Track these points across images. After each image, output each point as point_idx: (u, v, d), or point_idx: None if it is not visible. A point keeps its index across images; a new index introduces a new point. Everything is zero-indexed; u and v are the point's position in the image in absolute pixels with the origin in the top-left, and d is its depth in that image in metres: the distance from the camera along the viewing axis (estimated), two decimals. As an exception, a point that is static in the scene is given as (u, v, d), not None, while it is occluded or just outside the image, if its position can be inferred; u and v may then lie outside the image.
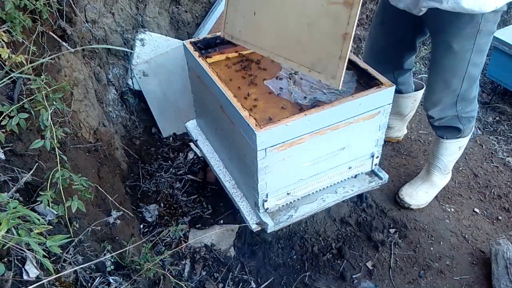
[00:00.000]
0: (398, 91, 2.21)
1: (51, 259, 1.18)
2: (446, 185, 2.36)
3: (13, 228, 0.99)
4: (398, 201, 2.23)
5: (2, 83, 1.32)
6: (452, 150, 2.10)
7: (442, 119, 1.97)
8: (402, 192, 2.23)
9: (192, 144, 2.57)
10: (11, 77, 1.41)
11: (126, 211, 1.81)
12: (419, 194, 2.21)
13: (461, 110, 1.93)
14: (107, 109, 2.42)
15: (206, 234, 2.10)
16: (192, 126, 2.17)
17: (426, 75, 3.11)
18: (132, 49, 2.44)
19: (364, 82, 1.67)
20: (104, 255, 1.40)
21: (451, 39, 1.70)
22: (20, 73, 1.45)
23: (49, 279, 1.06)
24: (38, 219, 1.04)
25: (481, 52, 1.75)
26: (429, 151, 2.22)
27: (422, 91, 2.36)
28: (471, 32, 1.67)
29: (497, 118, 2.90)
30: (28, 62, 1.50)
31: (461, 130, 2.01)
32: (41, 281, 1.06)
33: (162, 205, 2.28)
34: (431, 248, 2.06)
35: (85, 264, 1.22)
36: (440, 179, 2.23)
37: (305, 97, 1.62)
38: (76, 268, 1.20)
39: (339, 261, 2.01)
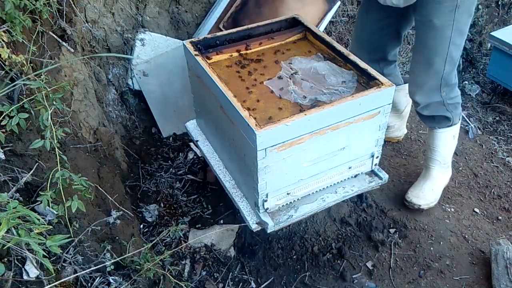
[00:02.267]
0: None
1: (51, 259, 1.18)
2: (446, 185, 2.36)
3: (13, 228, 0.99)
4: (406, 204, 2.19)
5: (4, 90, 1.32)
6: (447, 139, 2.12)
7: (429, 106, 1.98)
8: (408, 195, 2.20)
9: (192, 144, 2.57)
10: (12, 78, 1.41)
11: (126, 211, 1.81)
12: (425, 193, 2.18)
13: (446, 96, 1.95)
14: (107, 109, 2.42)
15: (206, 234, 2.10)
16: (192, 126, 2.17)
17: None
18: (132, 49, 2.44)
19: (364, 82, 1.67)
20: (104, 255, 1.40)
21: (432, 13, 1.74)
22: (21, 73, 1.46)
23: (56, 283, 1.06)
24: (38, 219, 1.04)
25: (461, 33, 1.80)
26: (426, 146, 2.23)
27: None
28: (450, 5, 1.72)
29: (497, 118, 2.90)
30: (28, 62, 1.50)
31: (449, 118, 2.03)
32: (41, 281, 1.06)
33: (162, 205, 2.28)
34: (431, 248, 2.06)
35: (91, 268, 1.22)
36: (441, 173, 2.22)
37: (305, 97, 1.62)
38: (81, 272, 1.20)
39: (339, 261, 2.01)
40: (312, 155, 1.61)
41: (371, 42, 2.09)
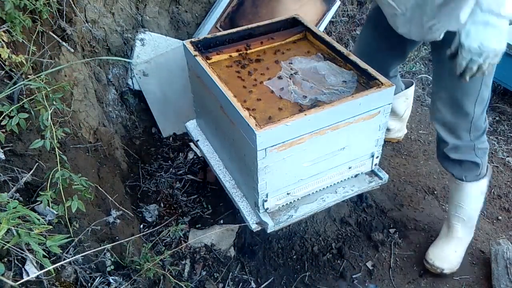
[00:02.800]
0: None
1: (51, 259, 1.18)
2: (446, 185, 2.36)
3: (13, 228, 0.99)
4: (428, 267, 1.96)
5: (6, 92, 1.32)
6: (474, 194, 1.89)
7: (458, 148, 1.79)
8: (429, 256, 1.97)
9: (192, 144, 2.57)
10: (11, 78, 1.41)
11: (126, 211, 1.81)
12: (448, 256, 1.95)
13: (476, 140, 1.77)
14: (107, 109, 2.42)
15: (206, 234, 2.10)
16: (192, 126, 2.17)
17: (426, 75, 3.12)
18: (132, 49, 2.44)
19: (364, 82, 1.67)
20: (104, 255, 1.40)
21: None
22: (21, 73, 1.45)
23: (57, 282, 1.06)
24: (38, 219, 1.04)
25: (491, 72, 1.60)
26: (449, 202, 1.99)
27: (412, 88, 2.35)
28: None
29: (497, 118, 2.90)
30: (28, 62, 1.50)
31: (479, 165, 1.83)
32: (41, 281, 1.06)
33: (162, 205, 2.28)
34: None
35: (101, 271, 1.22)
36: (465, 233, 1.97)
37: (305, 97, 1.62)
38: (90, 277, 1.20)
39: (339, 261, 2.01)
40: (312, 155, 1.61)
41: (375, 59, 1.89)
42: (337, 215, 2.16)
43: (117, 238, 1.64)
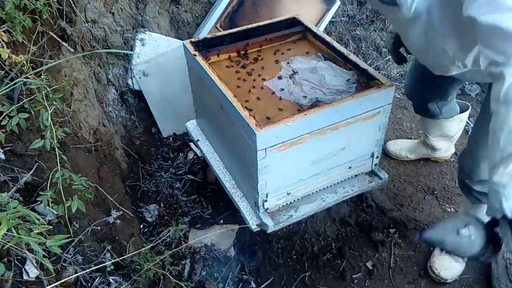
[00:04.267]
0: (443, 117, 2.13)
1: (51, 259, 1.18)
2: (446, 185, 2.37)
3: (13, 228, 0.99)
4: (433, 276, 1.94)
5: (4, 89, 1.32)
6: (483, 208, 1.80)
7: (481, 183, 1.69)
8: (435, 266, 1.94)
9: (192, 144, 2.57)
10: (11, 78, 1.41)
11: (126, 211, 1.81)
12: (453, 266, 1.94)
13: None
14: (107, 109, 2.42)
15: (206, 234, 2.10)
16: (192, 126, 2.17)
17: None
18: (132, 49, 2.44)
19: (364, 82, 1.67)
20: (104, 255, 1.40)
21: None
22: (21, 73, 1.45)
23: (56, 283, 1.06)
24: (38, 219, 1.04)
25: None
26: (459, 211, 1.99)
27: (467, 112, 2.20)
28: None
29: (497, 118, 2.89)
30: (28, 62, 1.50)
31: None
32: (41, 281, 1.06)
33: (162, 205, 2.28)
34: (431, 248, 2.06)
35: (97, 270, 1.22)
36: None
37: (305, 97, 1.62)
38: (81, 273, 1.20)
39: (339, 261, 2.01)
40: (312, 155, 1.61)
41: (429, 87, 1.88)
42: (337, 215, 2.16)
43: (117, 238, 1.64)
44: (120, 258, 1.35)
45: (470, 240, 1.16)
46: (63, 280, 1.16)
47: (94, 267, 1.28)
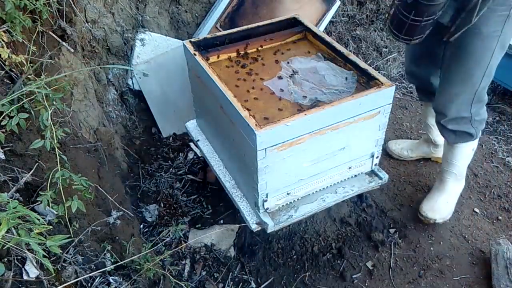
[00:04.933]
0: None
1: (51, 259, 1.18)
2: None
3: (13, 228, 0.99)
4: (422, 219, 2.13)
5: (12, 96, 1.32)
6: (467, 153, 2.05)
7: (455, 120, 1.90)
8: (423, 208, 2.13)
9: (192, 144, 2.57)
10: (11, 78, 1.41)
11: (126, 211, 1.81)
12: (440, 207, 2.11)
13: (475, 112, 1.89)
14: (107, 109, 2.42)
15: (206, 234, 2.10)
16: (192, 126, 2.17)
17: None
18: (132, 49, 2.44)
19: (364, 82, 1.67)
20: (104, 255, 1.40)
21: (482, 21, 1.62)
22: (21, 73, 1.45)
23: (63, 286, 1.06)
24: (38, 219, 1.04)
25: (503, 47, 1.73)
26: (442, 158, 2.14)
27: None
28: (501, 15, 1.64)
29: (497, 118, 2.90)
30: (28, 62, 1.50)
31: (472, 134, 1.96)
32: (41, 281, 1.06)
33: (162, 205, 2.28)
34: (431, 248, 2.06)
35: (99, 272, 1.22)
36: (456, 185, 2.15)
37: (305, 97, 1.62)
38: (85, 277, 1.20)
39: (339, 261, 2.01)
40: (312, 155, 1.61)
41: (421, 48, 1.95)
42: (337, 215, 2.16)
43: (117, 238, 1.64)
44: (122, 261, 1.35)
45: None
46: (62, 279, 1.15)
47: (97, 271, 1.28)
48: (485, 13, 1.61)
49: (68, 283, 1.14)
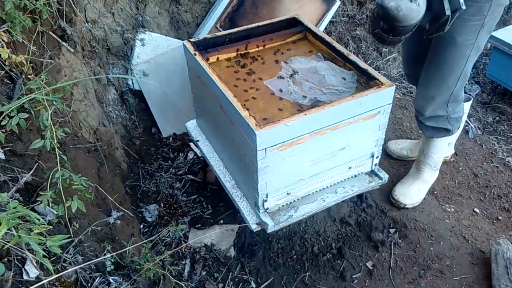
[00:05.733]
0: None
1: (51, 259, 1.18)
2: (446, 185, 2.37)
3: (13, 228, 0.99)
4: (393, 202, 2.23)
5: (19, 102, 1.32)
6: (443, 147, 2.15)
7: (432, 118, 1.99)
8: (395, 192, 2.23)
9: (192, 144, 2.57)
10: (11, 78, 1.41)
11: (126, 211, 1.81)
12: (412, 193, 2.22)
13: (451, 110, 1.98)
14: (107, 109, 2.42)
15: (206, 234, 2.10)
16: (192, 126, 2.17)
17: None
18: (132, 49, 2.44)
19: (364, 82, 1.67)
20: (104, 255, 1.39)
21: (456, 30, 1.70)
22: (21, 73, 1.45)
23: (51, 278, 1.06)
24: (38, 219, 1.04)
25: (478, 50, 1.81)
26: (419, 150, 2.23)
27: (470, 103, 2.30)
28: (475, 25, 1.70)
29: (497, 118, 2.90)
30: (28, 62, 1.50)
31: (450, 130, 2.05)
32: (41, 281, 1.06)
33: (162, 205, 2.28)
34: (431, 248, 2.06)
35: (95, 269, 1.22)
36: (431, 175, 2.25)
37: (305, 97, 1.62)
38: (80, 270, 1.20)
39: (339, 261, 2.01)
40: (312, 155, 1.61)
41: (414, 53, 2.07)
42: (337, 215, 2.16)
43: (117, 238, 1.64)
44: (118, 252, 1.35)
45: (418, 6, 1.46)
46: (63, 279, 1.15)
47: (96, 271, 1.28)
48: (459, 22, 1.65)
49: (63, 272, 1.14)
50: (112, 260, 1.40)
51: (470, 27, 1.70)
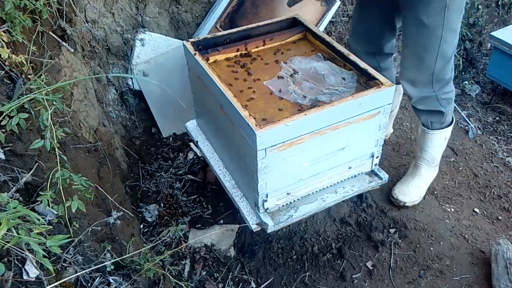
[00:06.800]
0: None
1: (51, 259, 1.18)
2: (446, 185, 2.37)
3: (13, 228, 0.99)
4: (392, 200, 2.23)
5: (19, 101, 1.32)
6: (438, 141, 2.14)
7: (422, 100, 1.98)
8: (395, 191, 2.24)
9: (192, 144, 2.57)
10: (12, 78, 1.41)
11: (126, 211, 1.81)
12: (411, 190, 2.22)
13: (439, 90, 1.95)
14: (107, 109, 2.42)
15: (206, 234, 2.10)
16: (192, 126, 2.17)
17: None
18: (132, 49, 2.44)
19: (364, 82, 1.67)
20: (104, 255, 1.40)
21: (421, 13, 1.73)
22: (20, 73, 1.45)
23: (56, 283, 1.06)
24: (38, 219, 1.04)
25: (452, 31, 1.80)
26: (416, 145, 2.24)
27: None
28: (439, 6, 1.71)
29: (497, 118, 2.90)
30: (28, 62, 1.50)
31: (443, 113, 2.03)
32: (41, 281, 1.06)
33: (162, 205, 2.28)
34: (431, 248, 2.06)
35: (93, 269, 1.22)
36: (429, 171, 2.24)
37: (305, 97, 1.62)
38: (80, 272, 1.20)
39: (339, 261, 2.01)
40: (312, 155, 1.61)
41: (367, 34, 2.09)
42: (337, 215, 2.16)
43: (117, 238, 1.64)
44: (120, 258, 1.35)
45: None
46: (63, 280, 1.15)
47: (94, 267, 1.28)
48: (422, 5, 1.70)
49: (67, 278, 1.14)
50: (112, 260, 1.40)
51: (433, 8, 1.72)
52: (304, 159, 1.60)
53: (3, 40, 1.43)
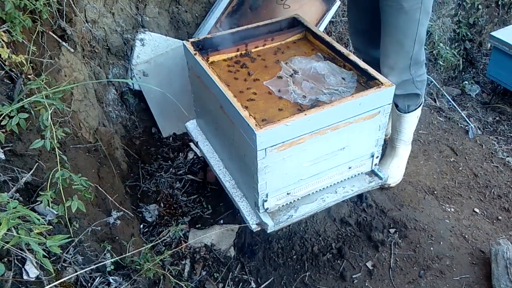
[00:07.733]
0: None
1: (51, 259, 1.18)
2: (446, 185, 2.37)
3: (13, 228, 0.99)
4: None
5: (23, 102, 1.32)
6: (413, 121, 2.25)
7: (400, 85, 2.03)
8: None
9: (192, 144, 2.57)
10: (12, 78, 1.41)
11: (126, 211, 1.81)
12: (393, 171, 2.30)
13: (415, 74, 2.04)
14: (107, 109, 2.42)
15: (206, 234, 2.10)
16: (192, 126, 2.17)
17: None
18: (132, 49, 2.44)
19: (364, 82, 1.67)
20: (104, 255, 1.40)
21: None
22: (20, 73, 1.45)
23: (56, 283, 1.06)
24: (38, 219, 1.04)
25: (427, 13, 1.89)
26: (391, 128, 2.31)
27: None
28: None
29: (497, 118, 2.90)
30: (28, 62, 1.50)
31: (419, 95, 2.13)
32: (41, 281, 1.06)
33: (162, 205, 2.28)
34: (431, 248, 2.06)
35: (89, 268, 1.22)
36: (406, 150, 2.34)
37: (305, 97, 1.62)
38: (79, 272, 1.20)
39: (339, 261, 2.01)
40: (312, 155, 1.61)
41: (361, 26, 2.18)
42: (337, 215, 2.16)
43: (117, 238, 1.64)
44: (120, 258, 1.35)
45: None
46: (63, 280, 1.15)
47: (94, 266, 1.28)
48: None
49: (67, 277, 1.14)
50: (112, 260, 1.40)
51: None
52: (304, 159, 1.60)
53: (3, 40, 1.43)
